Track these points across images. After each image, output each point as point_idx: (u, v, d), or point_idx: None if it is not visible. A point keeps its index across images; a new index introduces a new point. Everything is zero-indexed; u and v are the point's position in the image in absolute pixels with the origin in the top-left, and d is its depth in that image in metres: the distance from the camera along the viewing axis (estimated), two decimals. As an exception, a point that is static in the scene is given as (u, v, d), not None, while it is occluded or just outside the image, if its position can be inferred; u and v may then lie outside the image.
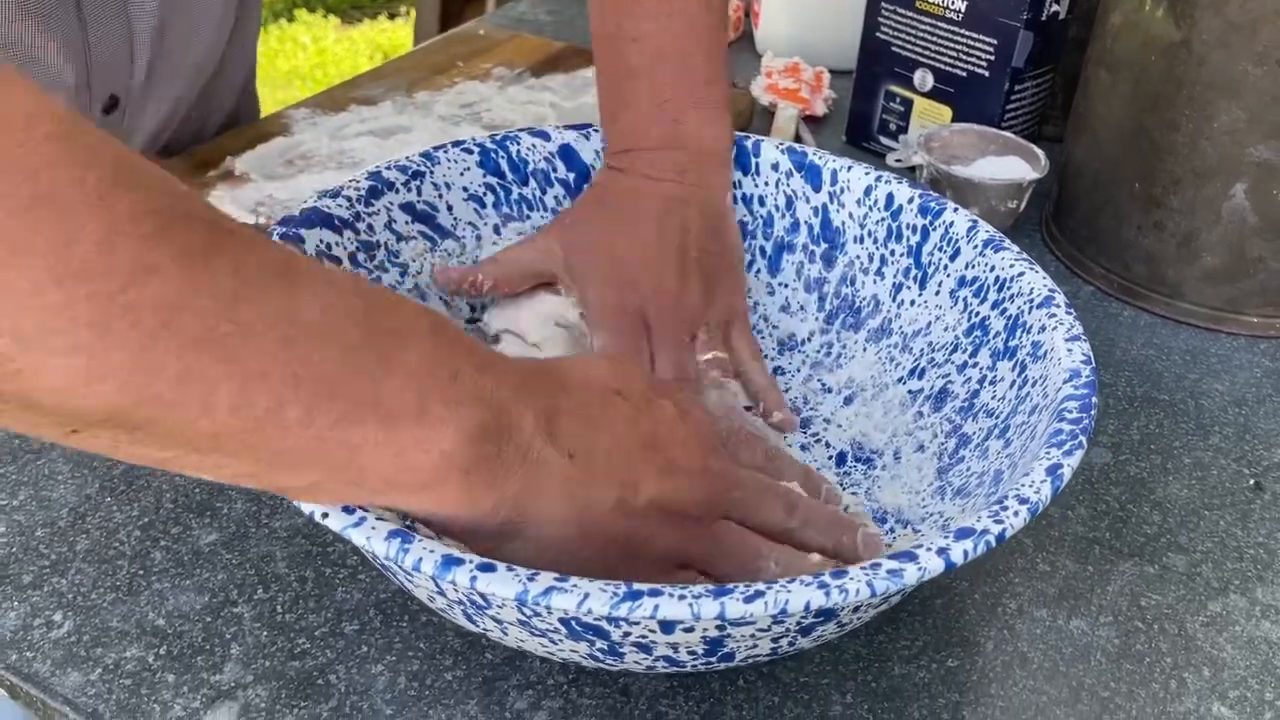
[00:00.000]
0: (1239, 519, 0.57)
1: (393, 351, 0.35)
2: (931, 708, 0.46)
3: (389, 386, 0.35)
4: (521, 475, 0.38)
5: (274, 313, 0.32)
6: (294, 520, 0.53)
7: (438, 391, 0.36)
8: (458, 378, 0.37)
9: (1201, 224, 0.70)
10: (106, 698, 0.45)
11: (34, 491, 0.54)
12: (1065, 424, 0.44)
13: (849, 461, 0.58)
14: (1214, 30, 0.65)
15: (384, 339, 0.35)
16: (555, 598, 0.35)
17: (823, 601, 0.36)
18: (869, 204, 0.60)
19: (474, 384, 0.37)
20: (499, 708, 0.45)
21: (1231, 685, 0.49)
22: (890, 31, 0.85)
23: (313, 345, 0.33)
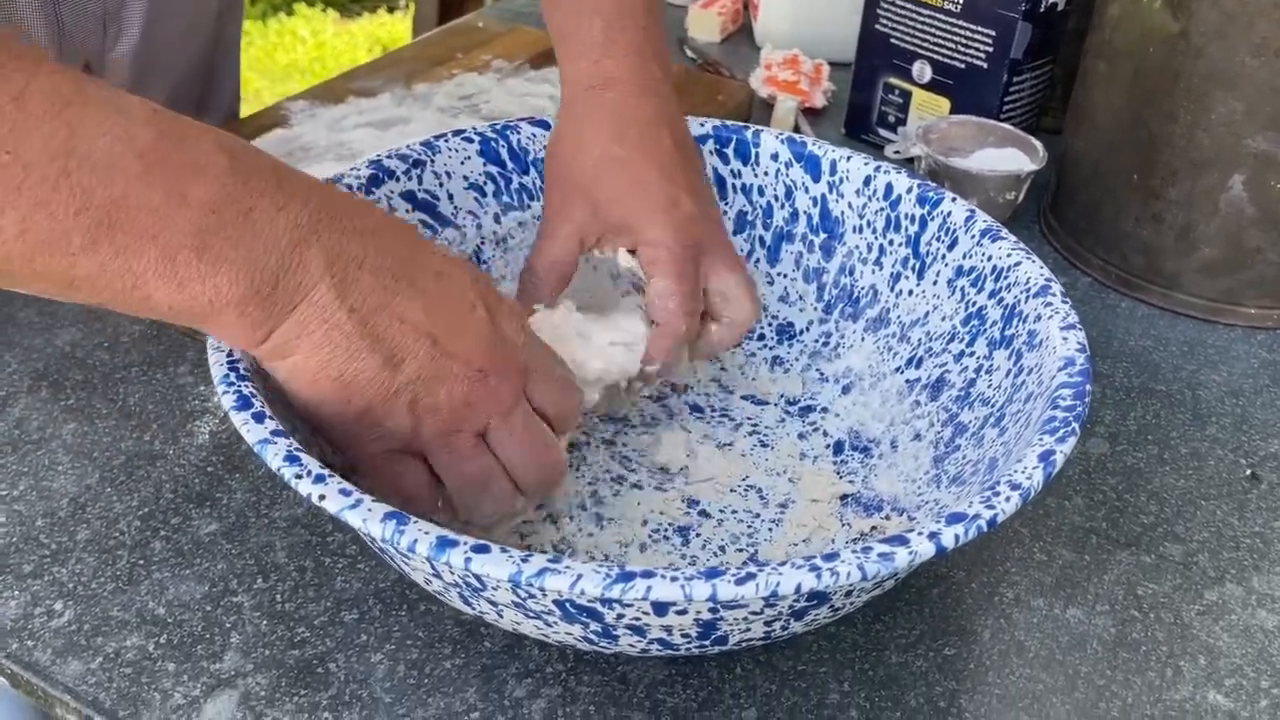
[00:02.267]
0: (1235, 509, 0.57)
1: (181, 185, 0.35)
2: (929, 695, 0.47)
3: (171, 220, 0.35)
4: (296, 314, 0.39)
5: (55, 144, 0.33)
6: (294, 510, 0.53)
7: (223, 228, 0.36)
8: (249, 215, 0.37)
9: (1199, 215, 0.70)
10: (107, 686, 0.45)
11: (34, 481, 0.54)
12: (1059, 411, 0.44)
13: (846, 450, 0.58)
14: (1212, 22, 0.66)
15: (172, 172, 0.35)
16: (549, 579, 0.35)
17: (814, 584, 0.36)
18: (868, 194, 0.60)
19: (266, 222, 0.37)
20: (498, 695, 0.45)
21: (1227, 673, 0.49)
22: (889, 23, 0.85)
23: (94, 176, 0.34)
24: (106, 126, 0.34)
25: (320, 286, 0.39)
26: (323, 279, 0.39)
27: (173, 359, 0.62)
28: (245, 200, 0.37)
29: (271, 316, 0.39)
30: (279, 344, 0.40)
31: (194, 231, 0.36)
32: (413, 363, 0.42)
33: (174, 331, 0.64)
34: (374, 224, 0.42)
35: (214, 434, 0.57)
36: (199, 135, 0.37)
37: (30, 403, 0.58)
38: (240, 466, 0.55)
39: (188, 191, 0.36)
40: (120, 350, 0.62)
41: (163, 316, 0.38)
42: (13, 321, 0.64)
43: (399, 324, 0.41)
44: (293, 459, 0.39)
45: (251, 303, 0.38)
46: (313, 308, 0.39)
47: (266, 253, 0.38)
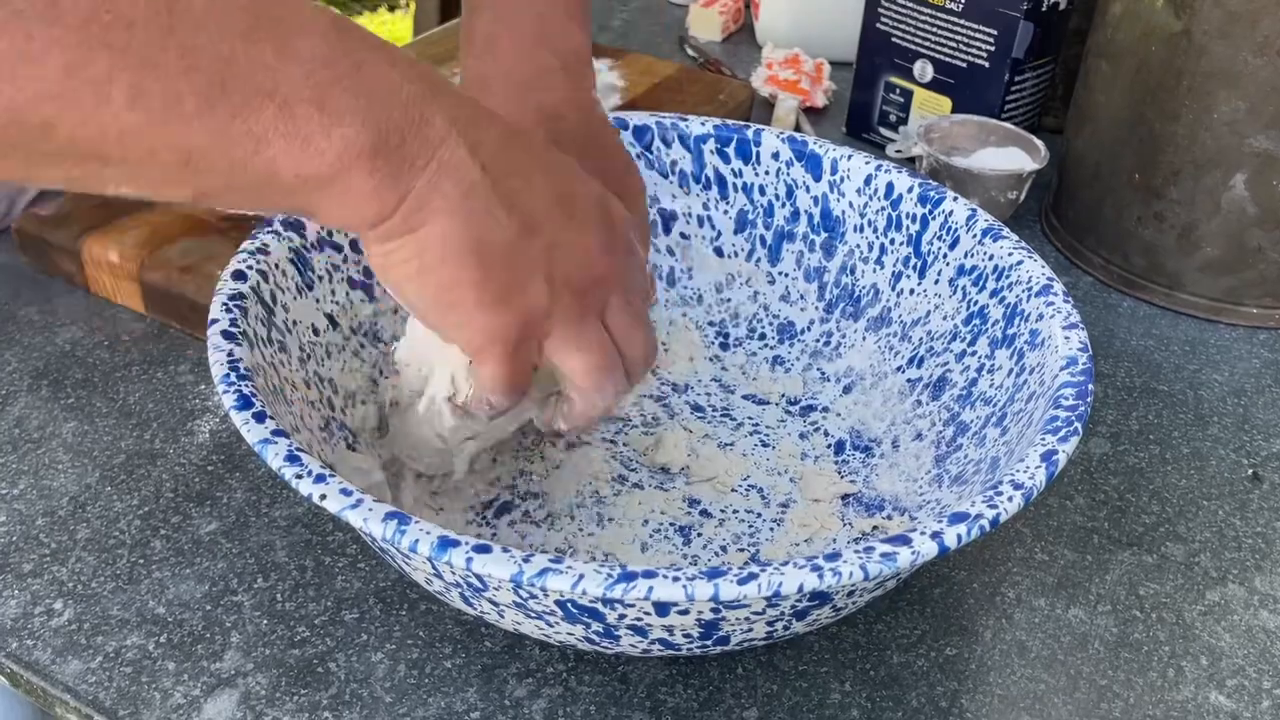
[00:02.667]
0: (1237, 509, 0.57)
1: (288, 40, 0.34)
2: (930, 696, 0.47)
3: (286, 75, 0.33)
4: (429, 173, 0.37)
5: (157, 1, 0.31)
6: (294, 509, 0.53)
7: (339, 80, 0.35)
8: (362, 68, 0.35)
9: (1201, 215, 0.70)
10: (107, 685, 0.45)
11: (34, 480, 0.54)
12: (1061, 410, 0.44)
13: (848, 449, 0.58)
14: (1214, 20, 0.65)
15: (278, 26, 0.34)
16: (550, 579, 0.35)
17: (816, 584, 0.36)
18: (869, 193, 0.60)
19: (381, 75, 0.36)
20: (498, 695, 0.45)
21: (1229, 674, 0.49)
22: (890, 22, 0.85)
23: (200, 33, 0.32)
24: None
25: (449, 142, 0.37)
26: (449, 134, 0.37)
27: (173, 358, 0.62)
28: (356, 54, 0.35)
29: (404, 175, 0.37)
30: (411, 210, 0.37)
31: (311, 85, 0.34)
32: (549, 228, 0.40)
33: (174, 330, 0.64)
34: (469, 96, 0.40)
35: (214, 433, 0.57)
36: None
37: (30, 401, 0.58)
38: (241, 465, 0.55)
39: (297, 45, 0.34)
40: (120, 349, 0.62)
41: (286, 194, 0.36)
42: (13, 319, 0.64)
43: (532, 188, 0.40)
44: (293, 459, 0.39)
45: (381, 156, 0.36)
46: (445, 168, 0.37)
47: (388, 104, 0.36)
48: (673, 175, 0.63)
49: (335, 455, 0.51)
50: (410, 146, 0.36)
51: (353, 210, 0.37)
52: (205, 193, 0.36)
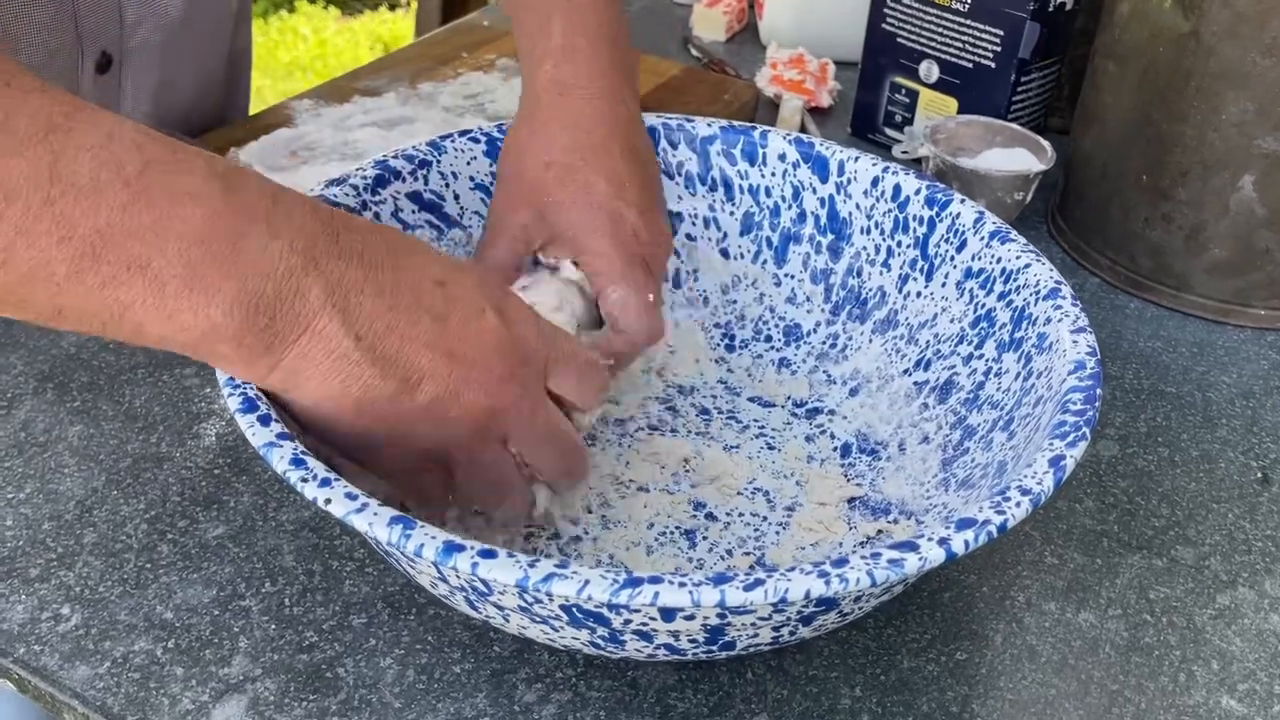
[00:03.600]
0: (1247, 511, 0.57)
1: (169, 213, 0.34)
2: (940, 701, 0.46)
3: (160, 249, 0.34)
4: (299, 347, 0.38)
5: (38, 172, 0.32)
6: (301, 513, 0.53)
7: (213, 259, 0.35)
8: (239, 244, 0.36)
9: (1209, 216, 0.70)
10: (115, 691, 0.45)
11: (40, 485, 0.54)
12: (1069, 415, 0.44)
13: (854, 453, 0.57)
14: (1223, 21, 0.65)
15: (160, 200, 0.34)
16: (555, 584, 0.35)
17: (823, 590, 0.36)
18: (876, 195, 0.60)
19: (259, 251, 0.36)
20: (507, 700, 0.45)
21: (1241, 678, 0.48)
22: (896, 23, 0.84)
23: (78, 205, 0.33)
24: (93, 153, 0.33)
25: (322, 316, 0.38)
26: (324, 308, 0.38)
27: (179, 361, 0.61)
28: (237, 228, 0.36)
29: (272, 350, 0.38)
30: (285, 377, 0.39)
31: (183, 261, 0.35)
32: (430, 382, 0.41)
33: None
34: (370, 242, 0.41)
35: (221, 436, 0.57)
36: (190, 161, 0.36)
37: (36, 405, 0.58)
38: (247, 469, 0.55)
39: (176, 220, 0.35)
40: (126, 352, 0.62)
41: (157, 346, 0.37)
42: (18, 322, 0.63)
43: (410, 344, 0.40)
44: (299, 462, 0.39)
45: (249, 334, 0.37)
46: (316, 338, 0.38)
47: (260, 283, 0.37)
48: (679, 177, 0.63)
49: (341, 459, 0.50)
50: (280, 323, 0.38)
51: (227, 369, 0.40)
52: (85, 333, 0.37)
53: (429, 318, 0.41)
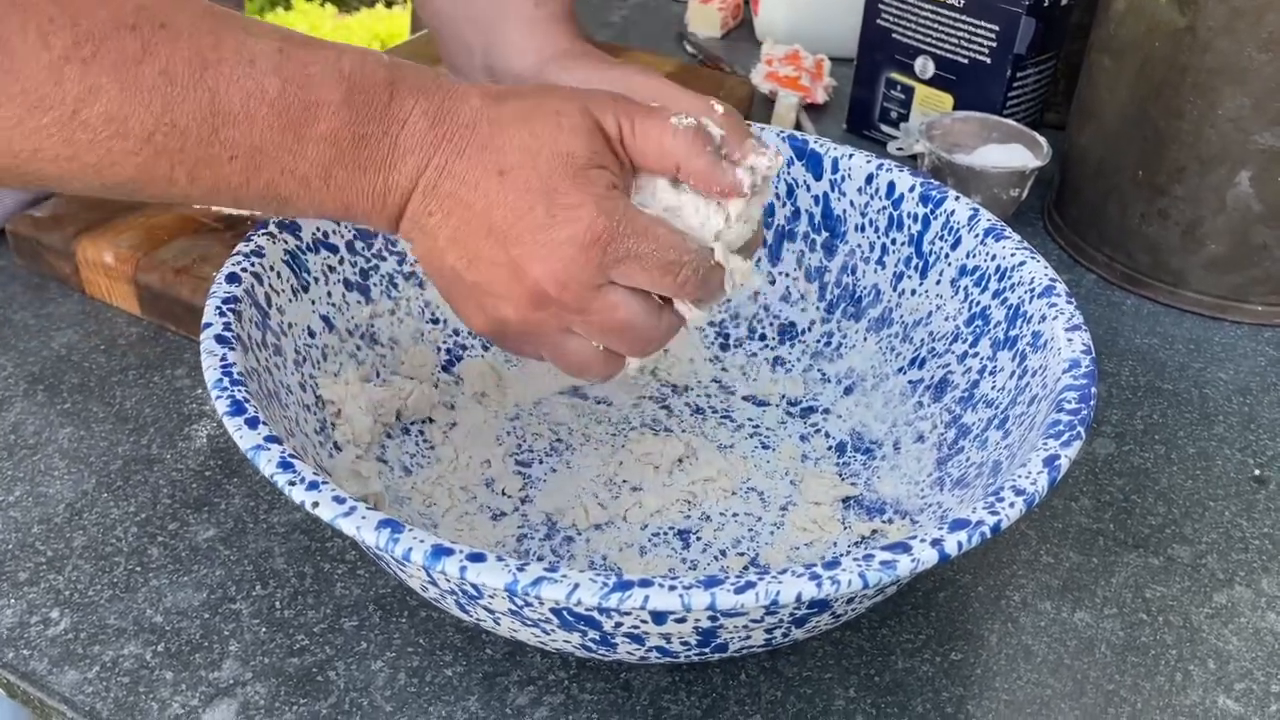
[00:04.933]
0: (1244, 510, 0.57)
1: (305, 126, 0.41)
2: (935, 701, 0.46)
3: (303, 156, 0.41)
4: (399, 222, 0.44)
5: (201, 109, 0.39)
6: (292, 516, 0.53)
7: (340, 159, 0.42)
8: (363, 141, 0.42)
9: (1206, 212, 0.69)
10: (104, 696, 0.44)
11: (30, 487, 0.53)
12: (1064, 415, 0.43)
13: (848, 452, 0.57)
14: (1219, 16, 0.65)
15: (298, 114, 0.41)
16: (545, 588, 0.35)
17: (814, 592, 0.35)
18: (870, 192, 0.60)
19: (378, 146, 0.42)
20: (499, 704, 0.45)
21: (1237, 677, 0.48)
22: (891, 18, 0.84)
23: (237, 130, 0.40)
24: (241, 84, 0.40)
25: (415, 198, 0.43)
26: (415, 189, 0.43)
27: (169, 362, 0.61)
28: (358, 129, 0.42)
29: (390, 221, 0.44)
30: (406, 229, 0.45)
31: (321, 163, 0.41)
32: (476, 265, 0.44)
33: (170, 333, 0.63)
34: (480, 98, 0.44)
35: (211, 438, 0.57)
36: (320, 69, 0.41)
37: (26, 407, 0.58)
38: (238, 471, 0.55)
39: (311, 130, 0.41)
40: (117, 353, 0.62)
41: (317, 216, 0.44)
42: (8, 324, 0.63)
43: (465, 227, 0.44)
44: (286, 465, 0.39)
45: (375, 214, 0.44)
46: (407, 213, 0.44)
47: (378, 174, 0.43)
48: (672, 175, 0.63)
49: (332, 460, 0.50)
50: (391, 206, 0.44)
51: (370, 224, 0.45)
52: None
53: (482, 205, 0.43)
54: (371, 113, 0.42)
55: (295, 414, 0.48)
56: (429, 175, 0.43)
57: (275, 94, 0.40)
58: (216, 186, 0.41)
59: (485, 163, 0.43)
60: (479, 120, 0.43)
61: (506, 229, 0.43)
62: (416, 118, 0.43)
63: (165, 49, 0.38)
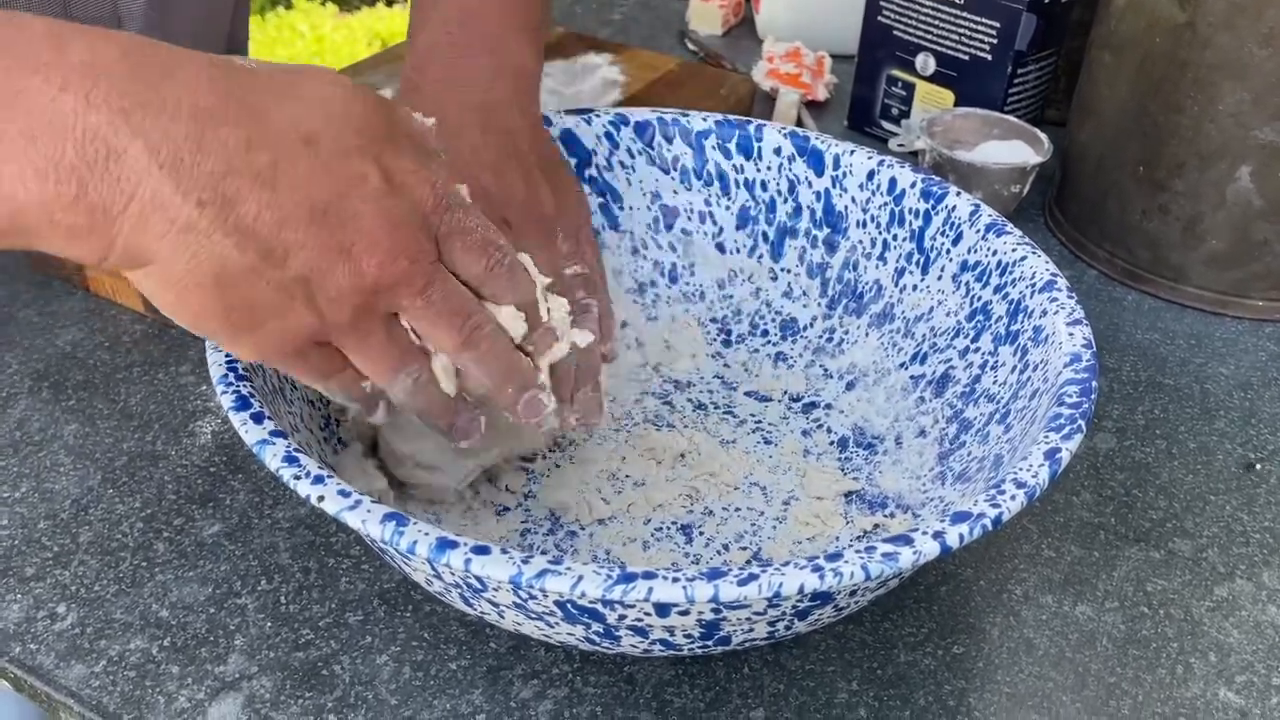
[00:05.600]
0: (1245, 503, 0.57)
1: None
2: (937, 694, 0.46)
3: None
4: (130, 220, 0.33)
5: None
6: (297, 511, 0.53)
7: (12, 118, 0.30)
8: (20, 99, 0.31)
9: (1206, 207, 0.70)
10: (111, 690, 0.44)
11: (36, 484, 0.53)
12: (1065, 408, 0.44)
13: (850, 447, 0.57)
14: (1219, 12, 0.65)
15: None
16: (549, 580, 0.35)
17: (817, 584, 0.36)
18: (872, 188, 0.60)
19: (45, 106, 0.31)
20: (504, 697, 0.45)
21: (1238, 670, 0.48)
22: (892, 15, 0.84)
23: None
24: None
25: (148, 181, 0.32)
26: (149, 170, 0.32)
27: (174, 358, 0.61)
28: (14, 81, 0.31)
29: (97, 227, 0.33)
30: (128, 256, 0.34)
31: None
32: (299, 254, 0.36)
33: (175, 330, 0.63)
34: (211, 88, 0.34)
35: (216, 434, 0.57)
36: None
37: (31, 404, 0.58)
38: (243, 467, 0.55)
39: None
40: (121, 350, 0.62)
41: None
42: (13, 321, 0.63)
43: (270, 212, 0.35)
44: (291, 460, 0.39)
45: (59, 209, 0.32)
46: (150, 207, 0.33)
47: (57, 144, 0.31)
48: (674, 171, 0.63)
49: (339, 456, 0.50)
50: (95, 192, 0.32)
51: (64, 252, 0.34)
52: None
53: (290, 181, 0.35)
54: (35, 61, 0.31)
55: (300, 410, 0.48)
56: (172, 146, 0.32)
57: None
58: None
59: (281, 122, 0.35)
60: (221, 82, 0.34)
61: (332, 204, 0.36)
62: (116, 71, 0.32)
63: None
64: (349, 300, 0.38)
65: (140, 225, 0.33)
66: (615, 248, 0.64)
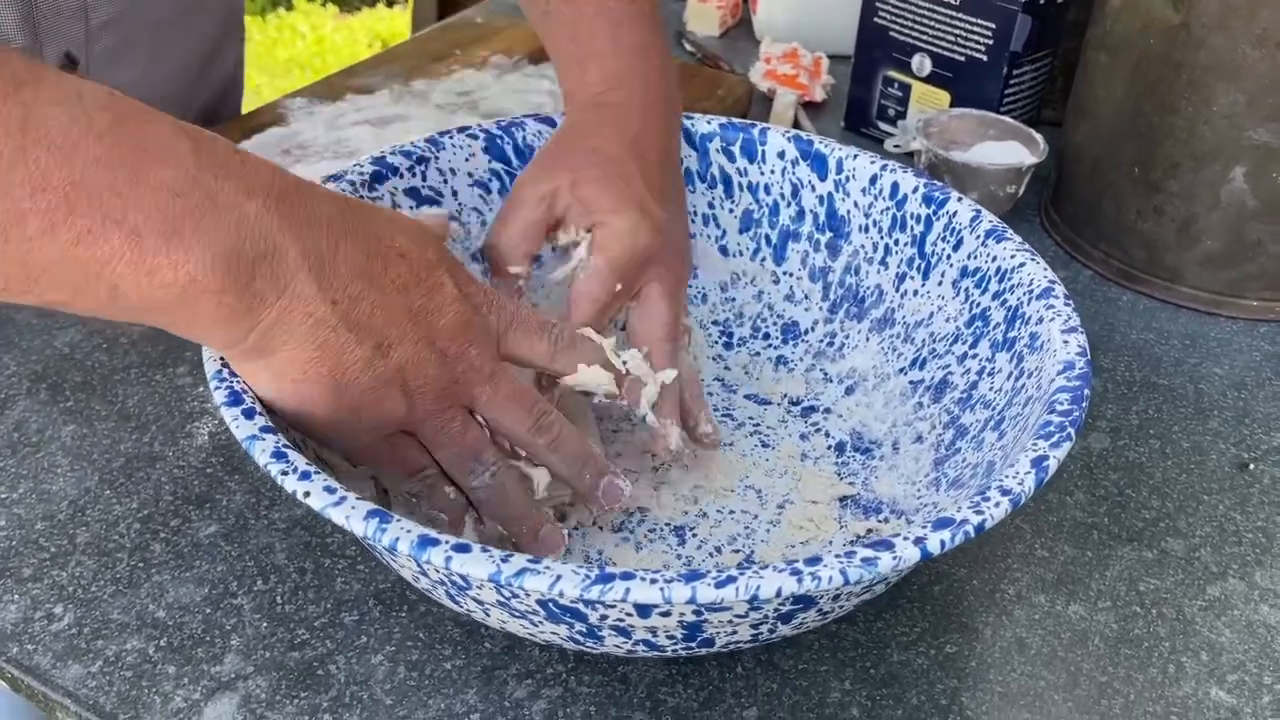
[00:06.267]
0: (1237, 503, 0.57)
1: (143, 168, 0.34)
2: (930, 694, 0.47)
3: (136, 204, 0.34)
4: (277, 310, 0.39)
5: (10, 123, 0.32)
6: (293, 512, 0.53)
7: (189, 213, 0.35)
8: (215, 200, 0.36)
9: (1201, 208, 0.70)
10: (108, 690, 0.45)
11: (33, 485, 0.54)
12: (1055, 416, 0.44)
13: (848, 451, 0.57)
14: (1213, 13, 0.65)
15: (133, 155, 0.34)
16: (528, 579, 0.35)
17: (795, 588, 0.36)
18: (874, 193, 0.60)
19: (234, 208, 0.36)
20: (498, 696, 0.45)
21: (1230, 669, 0.49)
22: (888, 16, 0.84)
23: (52, 156, 0.32)
24: (64, 108, 0.33)
25: (299, 277, 0.38)
26: (300, 269, 0.38)
27: (172, 360, 0.62)
28: (209, 184, 0.36)
29: (252, 310, 0.38)
30: (261, 340, 0.39)
31: (160, 215, 0.34)
32: (400, 347, 0.42)
33: (173, 332, 0.63)
34: (338, 210, 0.41)
35: (213, 435, 0.57)
36: (158, 120, 0.36)
37: (29, 405, 0.58)
38: (239, 468, 0.55)
39: (150, 174, 0.34)
40: (119, 352, 0.62)
41: (131, 314, 0.37)
42: (11, 323, 0.64)
43: (380, 311, 0.41)
44: (280, 455, 0.39)
45: (229, 291, 0.37)
46: (295, 300, 0.39)
47: (238, 238, 0.36)
48: (676, 173, 0.63)
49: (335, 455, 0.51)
50: (260, 282, 0.38)
51: (201, 334, 0.39)
52: (52, 303, 0.37)
53: (395, 288, 0.42)
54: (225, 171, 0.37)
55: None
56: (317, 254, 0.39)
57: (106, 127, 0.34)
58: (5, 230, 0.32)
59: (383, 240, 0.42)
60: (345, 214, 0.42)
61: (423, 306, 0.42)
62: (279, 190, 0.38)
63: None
64: (434, 386, 0.43)
65: (284, 315, 0.39)
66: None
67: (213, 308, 0.37)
